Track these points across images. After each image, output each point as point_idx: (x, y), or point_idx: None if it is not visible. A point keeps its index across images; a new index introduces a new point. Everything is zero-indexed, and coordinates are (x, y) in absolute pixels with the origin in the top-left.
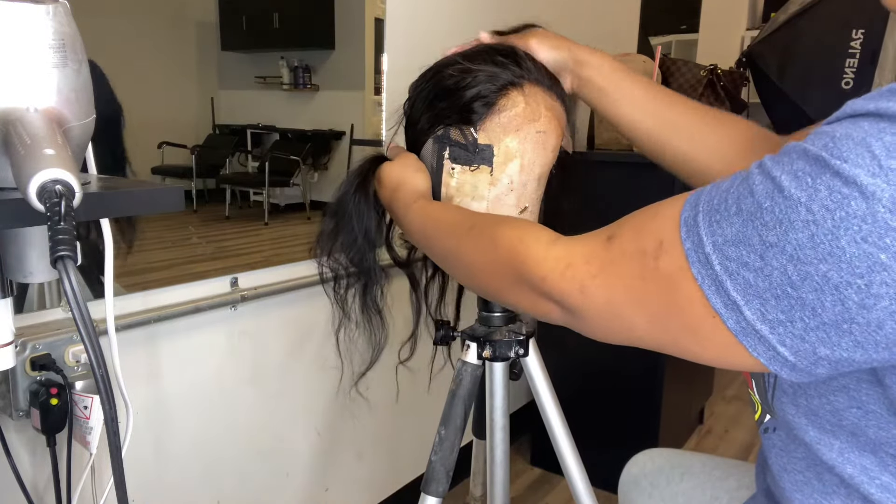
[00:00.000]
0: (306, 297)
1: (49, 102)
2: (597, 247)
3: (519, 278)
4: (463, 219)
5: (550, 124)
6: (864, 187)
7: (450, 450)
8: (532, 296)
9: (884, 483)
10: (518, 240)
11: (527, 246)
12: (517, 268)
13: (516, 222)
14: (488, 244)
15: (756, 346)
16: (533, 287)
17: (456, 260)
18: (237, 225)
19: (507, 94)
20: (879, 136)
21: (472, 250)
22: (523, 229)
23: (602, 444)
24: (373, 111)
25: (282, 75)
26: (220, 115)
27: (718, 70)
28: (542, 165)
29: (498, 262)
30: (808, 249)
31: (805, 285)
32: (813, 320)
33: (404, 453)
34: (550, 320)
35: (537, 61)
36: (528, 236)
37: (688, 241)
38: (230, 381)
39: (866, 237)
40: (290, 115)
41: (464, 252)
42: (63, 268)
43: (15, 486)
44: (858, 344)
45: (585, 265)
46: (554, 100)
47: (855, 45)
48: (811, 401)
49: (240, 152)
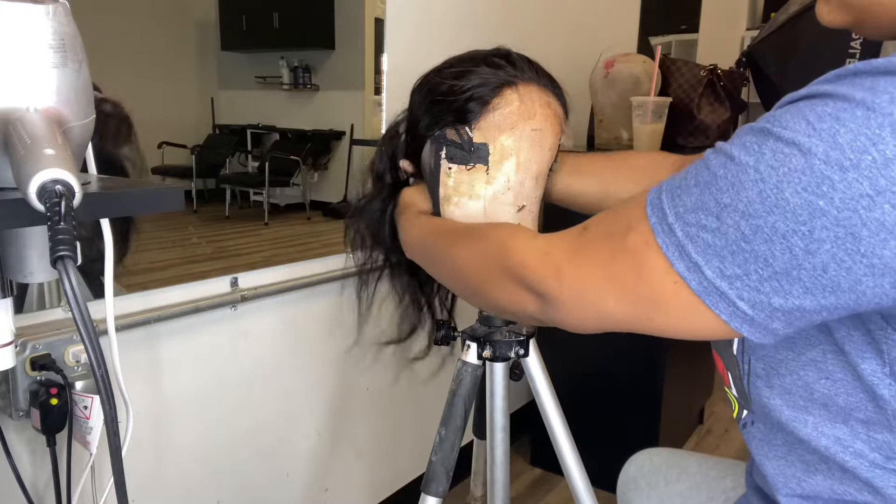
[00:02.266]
0: (306, 297)
1: (49, 102)
2: (572, 235)
3: (502, 268)
4: (460, 226)
5: (546, 122)
6: (801, 145)
7: (450, 450)
8: (511, 286)
9: (857, 450)
10: (507, 235)
11: (514, 240)
12: (502, 258)
13: (511, 226)
14: (479, 242)
15: (717, 304)
16: (513, 275)
17: (447, 261)
18: (237, 225)
19: (501, 93)
20: (812, 107)
21: (462, 250)
22: (515, 228)
23: (602, 444)
24: (373, 111)
25: (282, 75)
26: (220, 115)
27: (718, 70)
28: (539, 164)
29: (485, 256)
30: (756, 204)
31: (757, 238)
32: (766, 270)
33: (404, 453)
34: (526, 315)
35: (533, 62)
36: (517, 232)
37: (653, 216)
38: (230, 381)
39: (806, 187)
40: (290, 115)
41: (455, 253)
42: (63, 268)
43: (15, 486)
44: (808, 290)
45: (562, 251)
46: (550, 98)
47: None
48: (783, 379)
49: (240, 152)
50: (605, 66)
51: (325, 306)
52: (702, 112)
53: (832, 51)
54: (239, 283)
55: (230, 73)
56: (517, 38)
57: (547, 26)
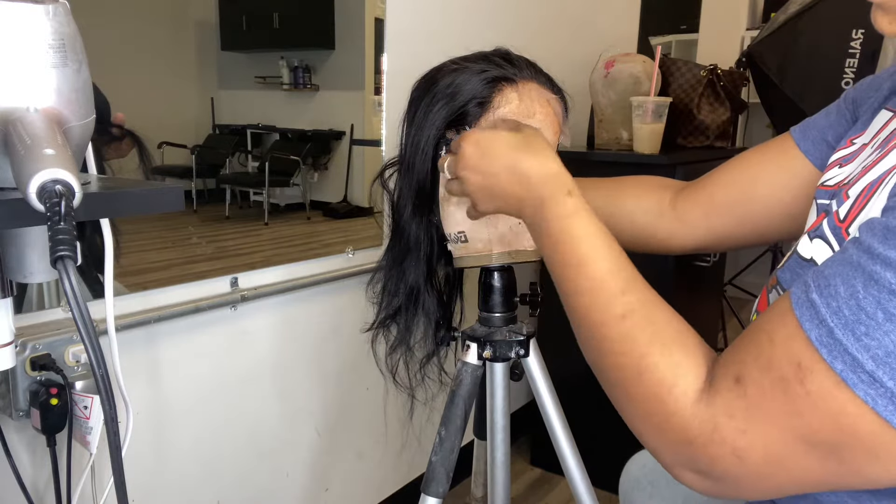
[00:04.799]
0: (306, 297)
1: (49, 102)
2: (730, 396)
3: (660, 429)
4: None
5: (546, 121)
6: None
7: (450, 450)
8: (674, 458)
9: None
10: (667, 388)
11: (674, 399)
12: (660, 419)
13: (669, 349)
14: (633, 368)
15: None
16: (677, 450)
17: (593, 344)
18: (237, 225)
19: (501, 91)
20: None
21: (615, 355)
22: (675, 371)
23: (603, 444)
24: (373, 111)
25: (282, 75)
26: (220, 115)
27: (718, 70)
28: None
29: (643, 401)
30: None
31: None
32: None
33: (404, 453)
34: (691, 487)
35: (532, 62)
36: (678, 385)
37: (837, 362)
38: (230, 381)
39: None
40: (290, 115)
41: (606, 347)
42: (63, 268)
43: (15, 486)
44: None
45: (730, 421)
46: (550, 96)
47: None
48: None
49: (240, 152)
50: (605, 66)
51: (324, 306)
52: (702, 112)
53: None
54: (239, 283)
55: (230, 73)
56: (517, 39)
57: (547, 26)
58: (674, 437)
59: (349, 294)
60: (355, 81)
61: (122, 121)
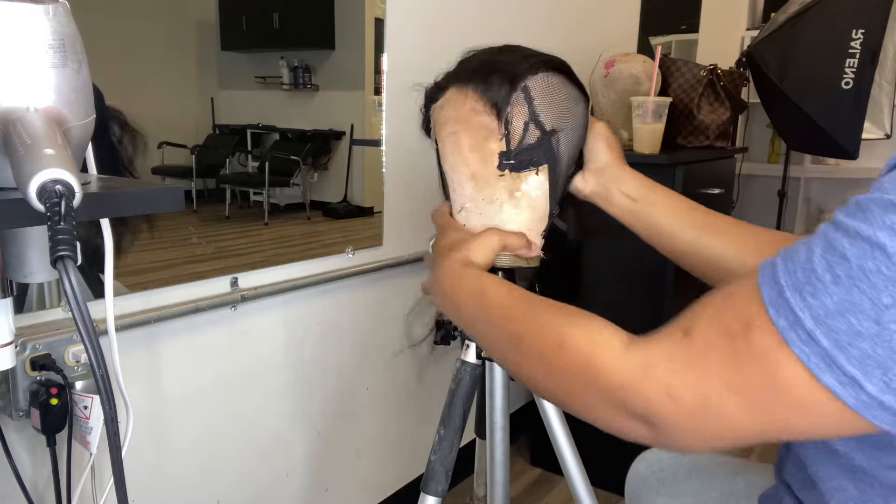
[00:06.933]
0: (306, 297)
1: (49, 102)
2: (675, 344)
3: (594, 390)
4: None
5: (458, 124)
6: None
7: (449, 449)
8: (608, 410)
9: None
10: (588, 342)
11: (601, 351)
12: (591, 378)
13: (583, 320)
14: (555, 345)
15: (881, 417)
16: (610, 399)
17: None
18: (237, 225)
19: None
20: None
21: (537, 347)
22: (593, 331)
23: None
24: (373, 111)
25: (282, 75)
26: (220, 115)
27: (718, 70)
28: (468, 166)
29: (566, 371)
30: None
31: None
32: None
33: (404, 453)
34: (634, 439)
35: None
36: (599, 337)
37: (780, 319)
38: (230, 381)
39: None
40: (290, 115)
41: (521, 359)
42: (63, 268)
43: (15, 486)
44: None
45: (667, 364)
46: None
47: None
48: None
49: (240, 152)
50: (605, 66)
51: (324, 306)
52: (702, 112)
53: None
54: (239, 283)
55: (230, 73)
56: (517, 39)
57: (547, 26)
58: (605, 385)
59: (349, 294)
60: (355, 81)
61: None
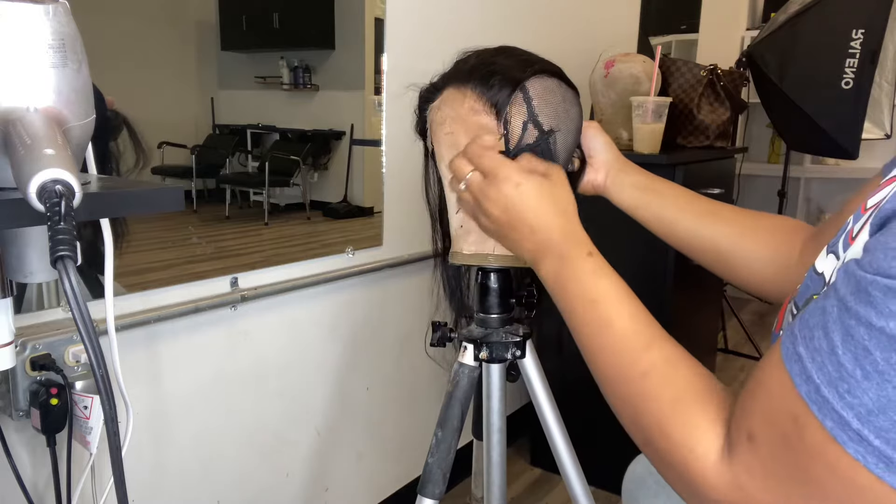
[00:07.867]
0: (306, 297)
1: (49, 102)
2: (747, 453)
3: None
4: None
5: (455, 124)
6: None
7: (446, 451)
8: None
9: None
10: (688, 450)
11: (698, 465)
12: (686, 481)
13: (689, 412)
14: (656, 426)
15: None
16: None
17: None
18: (237, 225)
19: (433, 104)
20: None
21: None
22: (694, 435)
23: (601, 445)
24: (373, 111)
25: (282, 75)
26: (220, 115)
27: (718, 70)
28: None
29: (662, 453)
30: None
31: None
32: None
33: (404, 453)
34: None
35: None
36: (699, 450)
37: (827, 420)
38: (230, 381)
39: None
40: (290, 115)
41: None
42: (63, 268)
43: (15, 486)
44: None
45: (751, 480)
46: (467, 96)
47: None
48: None
49: (240, 152)
50: (605, 66)
51: (324, 306)
52: (702, 112)
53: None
54: (239, 283)
55: (230, 73)
56: (517, 39)
57: (547, 26)
58: (703, 496)
59: (349, 294)
60: (355, 81)
61: (111, 104)
